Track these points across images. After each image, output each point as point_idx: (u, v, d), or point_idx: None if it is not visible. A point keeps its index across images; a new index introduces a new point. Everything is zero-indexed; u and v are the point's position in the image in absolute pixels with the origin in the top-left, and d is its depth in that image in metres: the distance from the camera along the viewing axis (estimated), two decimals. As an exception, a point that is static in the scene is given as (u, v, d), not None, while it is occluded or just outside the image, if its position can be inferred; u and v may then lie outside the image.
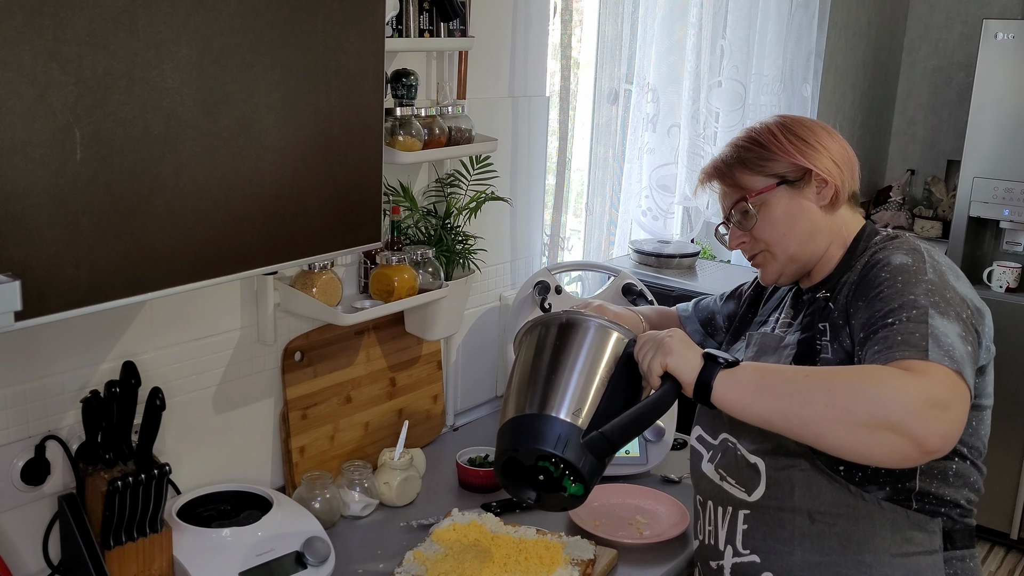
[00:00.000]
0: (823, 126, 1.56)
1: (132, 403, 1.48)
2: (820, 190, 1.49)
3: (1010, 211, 3.69)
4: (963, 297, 1.35)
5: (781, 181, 1.50)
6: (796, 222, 1.50)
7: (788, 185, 1.50)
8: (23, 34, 1.05)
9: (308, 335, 1.87)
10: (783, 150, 1.50)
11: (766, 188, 1.50)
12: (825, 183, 1.49)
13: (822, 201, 1.49)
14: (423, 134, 1.85)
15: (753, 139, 1.53)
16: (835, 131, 1.57)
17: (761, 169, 1.51)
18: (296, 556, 1.56)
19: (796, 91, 3.27)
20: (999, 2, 4.12)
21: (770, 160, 1.50)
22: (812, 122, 1.56)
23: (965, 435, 1.37)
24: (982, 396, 1.40)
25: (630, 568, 1.70)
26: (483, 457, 2.00)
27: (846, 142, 1.56)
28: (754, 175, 1.51)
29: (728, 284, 2.41)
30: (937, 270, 1.35)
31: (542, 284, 2.18)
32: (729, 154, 1.55)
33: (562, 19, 2.38)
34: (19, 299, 1.03)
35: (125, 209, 1.19)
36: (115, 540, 1.45)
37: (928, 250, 1.40)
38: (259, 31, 1.30)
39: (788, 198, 1.49)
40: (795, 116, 1.58)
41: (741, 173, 1.52)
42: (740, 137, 1.56)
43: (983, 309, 1.38)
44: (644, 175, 2.81)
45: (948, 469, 1.38)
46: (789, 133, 1.51)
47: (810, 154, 1.49)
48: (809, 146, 1.50)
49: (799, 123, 1.54)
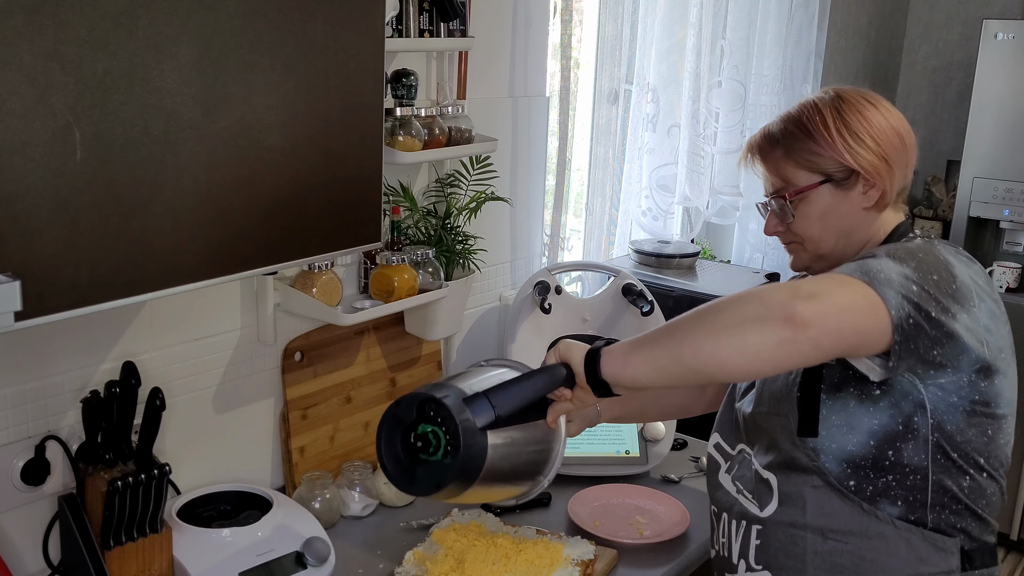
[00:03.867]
0: (883, 107, 1.42)
1: (132, 403, 1.48)
2: (866, 191, 1.39)
3: (1010, 211, 3.69)
4: (953, 274, 1.27)
5: (826, 180, 1.39)
6: (834, 222, 1.41)
7: (833, 184, 1.39)
8: (23, 34, 1.05)
9: (308, 335, 1.87)
10: (831, 146, 1.38)
11: (808, 187, 1.40)
12: (872, 185, 1.39)
13: (867, 203, 1.40)
14: (423, 134, 1.84)
15: (803, 126, 1.41)
16: (894, 111, 1.43)
17: (807, 164, 1.40)
18: (296, 556, 1.56)
19: (796, 91, 3.27)
20: (999, 2, 4.12)
21: (817, 155, 1.39)
22: (870, 104, 1.41)
23: (979, 444, 1.31)
24: (995, 403, 1.32)
25: (630, 568, 1.70)
26: (483, 457, 2.00)
27: (905, 126, 1.42)
28: (798, 168, 1.41)
29: (728, 284, 2.41)
30: (932, 248, 1.31)
31: (542, 284, 2.18)
32: (776, 137, 1.43)
33: (562, 19, 2.38)
34: (19, 299, 1.03)
35: (125, 209, 1.19)
36: (115, 540, 1.45)
37: (935, 250, 1.32)
38: (259, 31, 1.30)
39: (830, 197, 1.40)
40: (852, 95, 1.42)
41: (785, 164, 1.42)
42: (792, 116, 1.44)
43: (985, 298, 1.30)
44: (644, 175, 2.81)
45: (962, 481, 1.32)
46: (841, 123, 1.38)
47: (860, 152, 1.37)
48: (860, 141, 1.37)
49: (855, 107, 1.40)
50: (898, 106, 1.48)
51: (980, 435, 1.31)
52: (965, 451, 1.31)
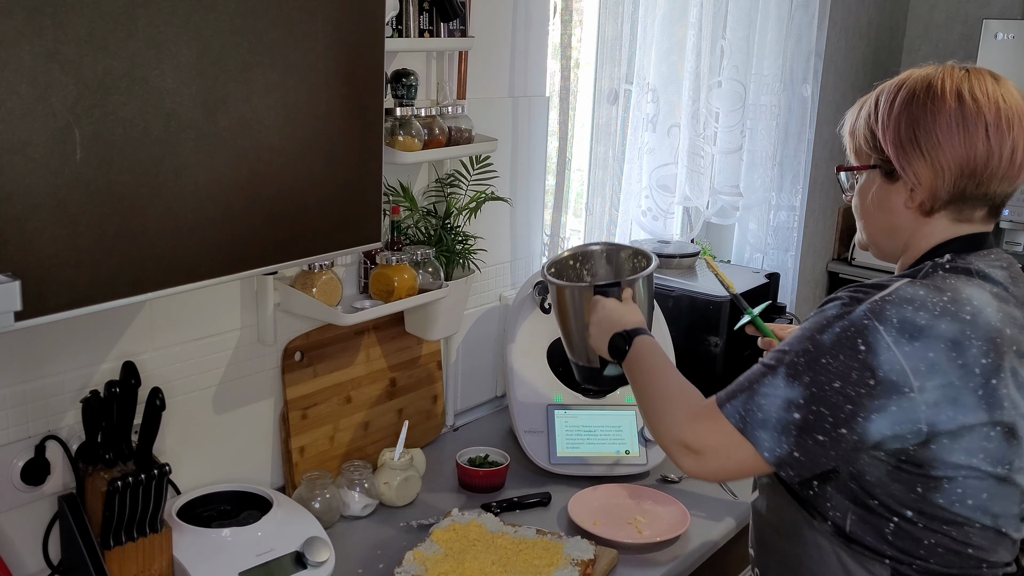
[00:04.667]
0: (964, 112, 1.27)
1: (132, 403, 1.48)
2: (910, 192, 1.33)
3: (1010, 211, 3.68)
4: (872, 368, 1.20)
5: (875, 166, 1.37)
6: (879, 212, 1.37)
7: (880, 172, 1.36)
8: (23, 34, 1.05)
9: (308, 335, 1.87)
10: (884, 139, 1.33)
11: (861, 167, 1.39)
12: (915, 188, 1.32)
13: (910, 204, 1.33)
14: (423, 134, 1.84)
15: (875, 110, 1.36)
16: (1002, 111, 1.28)
17: (867, 145, 1.37)
18: (296, 556, 1.56)
19: (796, 91, 3.27)
20: (999, 2, 4.12)
21: (874, 134, 1.35)
22: (951, 105, 1.28)
23: (906, 499, 1.26)
24: (929, 466, 1.23)
25: (630, 568, 1.70)
26: (483, 457, 2.00)
27: (994, 134, 1.27)
28: (863, 145, 1.38)
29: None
30: (859, 337, 1.22)
31: (542, 284, 2.18)
32: (863, 111, 1.40)
33: (562, 19, 2.38)
34: (19, 299, 1.03)
35: (125, 209, 1.19)
36: (115, 540, 1.45)
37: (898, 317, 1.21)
38: (259, 31, 1.30)
39: (879, 185, 1.36)
40: (939, 87, 1.30)
41: (854, 138, 1.40)
42: (879, 96, 1.37)
43: (944, 371, 1.19)
44: (644, 175, 2.81)
45: (885, 527, 1.28)
46: (906, 120, 1.30)
47: (910, 155, 1.30)
48: (915, 146, 1.29)
49: (930, 106, 1.29)
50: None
51: (906, 491, 1.26)
52: (885, 501, 1.28)
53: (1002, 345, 1.22)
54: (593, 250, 1.89)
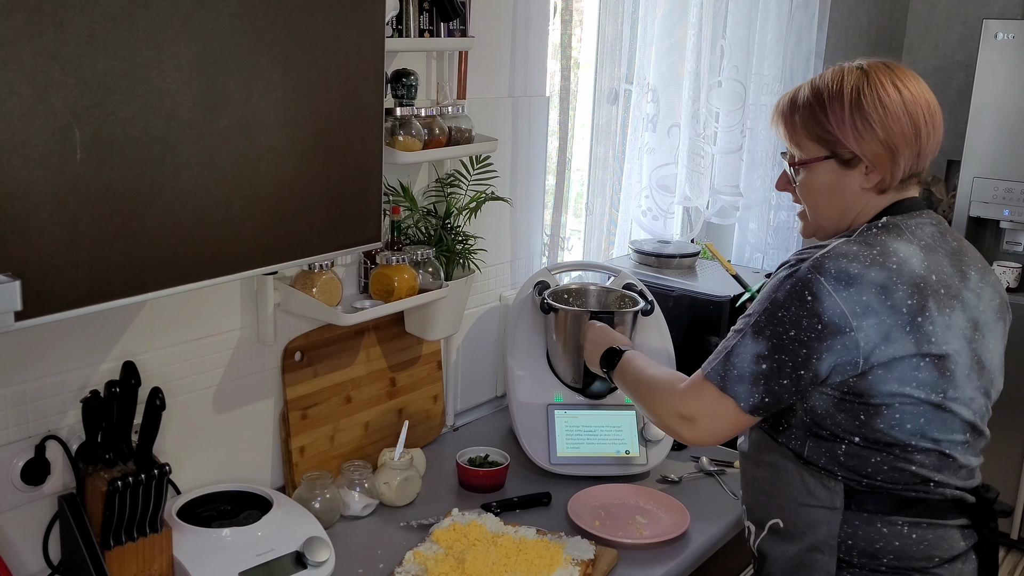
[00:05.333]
0: (907, 87, 1.47)
1: (132, 403, 1.48)
2: (867, 173, 1.47)
3: (1010, 211, 3.68)
4: (819, 313, 1.37)
5: (830, 156, 1.48)
6: (833, 196, 1.50)
7: (837, 161, 1.48)
8: (23, 34, 1.05)
9: (308, 335, 1.87)
10: (840, 127, 1.46)
11: (813, 159, 1.50)
12: (873, 169, 1.46)
13: (866, 184, 1.48)
14: (423, 134, 1.84)
15: (821, 100, 1.48)
16: (920, 90, 1.48)
17: (817, 137, 1.48)
18: (296, 556, 1.56)
19: (796, 91, 3.27)
20: (999, 2, 4.12)
21: (827, 131, 1.47)
22: (893, 85, 1.46)
23: (851, 425, 1.42)
24: (869, 395, 1.40)
25: (630, 568, 1.70)
26: (483, 457, 2.00)
27: (926, 110, 1.46)
28: (809, 140, 1.50)
29: (728, 284, 2.41)
30: (805, 289, 1.39)
31: (542, 284, 2.18)
32: (798, 105, 1.51)
33: (562, 19, 2.38)
34: (19, 299, 1.02)
35: (125, 209, 1.19)
36: (115, 540, 1.45)
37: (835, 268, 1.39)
38: (259, 31, 1.30)
39: (832, 173, 1.49)
40: (879, 73, 1.47)
41: (799, 132, 1.51)
42: (816, 87, 1.50)
43: (876, 312, 1.37)
44: (644, 175, 2.81)
45: (836, 449, 1.45)
46: (857, 108, 1.44)
47: (866, 137, 1.44)
48: (869, 127, 1.44)
49: (876, 89, 1.45)
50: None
51: (851, 419, 1.42)
52: (833, 430, 1.44)
53: (926, 288, 1.40)
54: (589, 288, 2.27)
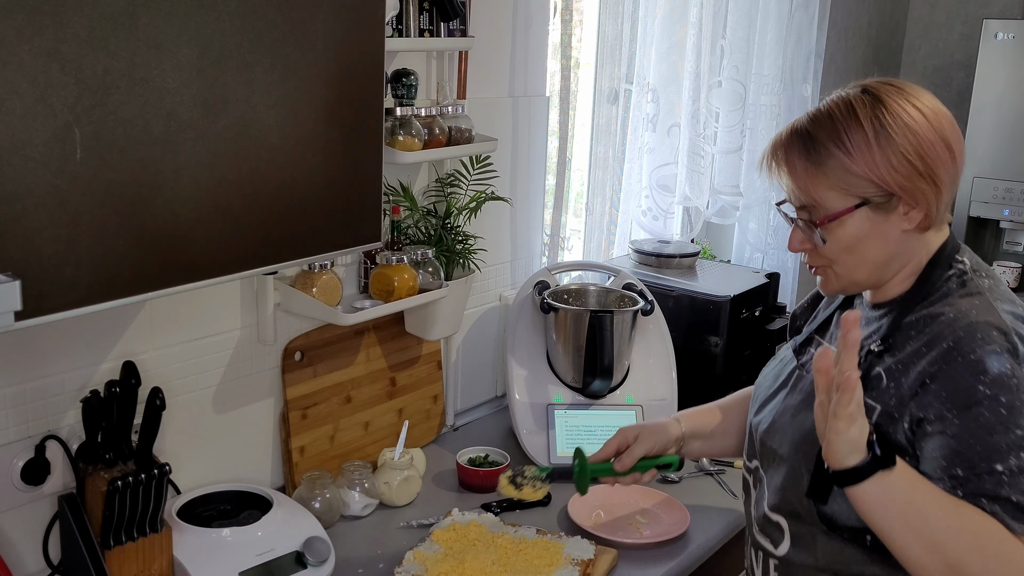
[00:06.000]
0: (926, 106, 1.24)
1: (132, 403, 1.48)
2: (908, 212, 1.24)
3: (1010, 211, 3.68)
4: None
5: (863, 203, 1.24)
6: (871, 247, 1.26)
7: (871, 207, 1.24)
8: (23, 34, 1.05)
9: (308, 335, 1.87)
10: (871, 166, 1.22)
11: (843, 211, 1.24)
12: (914, 206, 1.24)
13: (908, 225, 1.25)
14: (423, 134, 1.84)
15: (838, 138, 1.23)
16: (939, 108, 1.26)
17: (841, 184, 1.23)
18: (296, 556, 1.56)
19: (796, 91, 3.27)
20: (999, 2, 4.12)
21: (854, 175, 1.22)
22: (912, 105, 1.23)
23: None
24: None
25: (630, 568, 1.70)
26: (483, 457, 2.00)
27: (951, 129, 1.25)
28: (830, 190, 1.24)
29: (728, 284, 2.41)
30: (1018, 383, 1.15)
31: (542, 284, 2.18)
32: (807, 147, 1.26)
33: (562, 19, 2.38)
34: (19, 299, 1.03)
35: (125, 209, 1.19)
36: (115, 540, 1.45)
37: (1013, 327, 1.19)
38: (259, 31, 1.30)
39: (867, 220, 1.24)
40: (891, 95, 1.24)
41: (817, 183, 1.25)
42: (824, 123, 1.25)
43: None
44: (644, 175, 2.81)
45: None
46: (884, 137, 1.21)
47: (902, 171, 1.21)
48: (903, 158, 1.21)
49: (897, 113, 1.22)
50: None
51: None
52: None
53: None
54: (589, 288, 2.26)
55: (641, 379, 2.15)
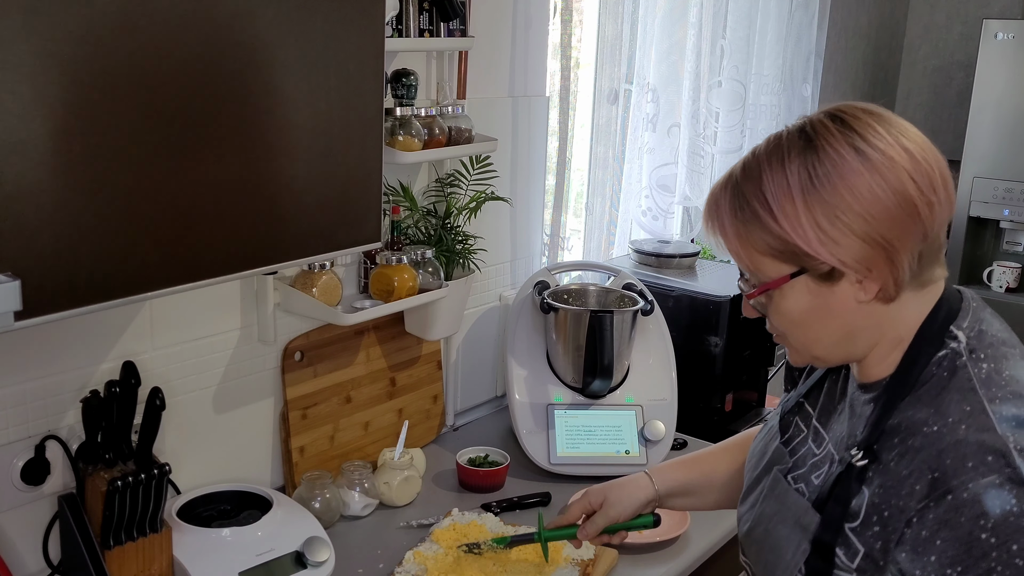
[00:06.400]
0: (886, 148, 1.00)
1: (132, 403, 1.48)
2: (861, 281, 1.03)
3: (1010, 211, 3.69)
4: None
5: (799, 272, 1.04)
6: (820, 322, 1.07)
7: (810, 276, 1.04)
8: (22, 33, 1.05)
9: (308, 335, 1.87)
10: (798, 230, 1.01)
11: (777, 281, 1.05)
12: (866, 275, 1.02)
13: (864, 296, 1.04)
14: (423, 134, 1.85)
15: (761, 195, 1.02)
16: (910, 142, 1.01)
17: (770, 250, 1.04)
18: (296, 556, 1.56)
19: (796, 91, 3.27)
20: (999, 2, 4.12)
21: (782, 239, 1.02)
22: (853, 154, 0.99)
23: None
24: None
25: (630, 568, 1.70)
26: (483, 457, 2.00)
27: (917, 171, 1.00)
28: (764, 255, 1.05)
29: (728, 284, 2.41)
30: None
31: (542, 284, 2.18)
32: (734, 203, 1.06)
33: (562, 19, 2.38)
34: (19, 299, 1.02)
35: (125, 209, 1.19)
36: (115, 540, 1.45)
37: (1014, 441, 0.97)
38: (259, 31, 1.30)
39: (807, 293, 1.05)
40: (833, 141, 1.01)
41: (747, 246, 1.06)
42: (752, 169, 1.05)
43: None
44: (644, 175, 2.81)
45: None
46: (815, 199, 0.99)
47: (840, 243, 1.00)
48: (842, 226, 0.99)
49: (838, 165, 0.99)
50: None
51: None
52: None
53: None
54: (589, 288, 2.27)
55: (641, 379, 2.16)
